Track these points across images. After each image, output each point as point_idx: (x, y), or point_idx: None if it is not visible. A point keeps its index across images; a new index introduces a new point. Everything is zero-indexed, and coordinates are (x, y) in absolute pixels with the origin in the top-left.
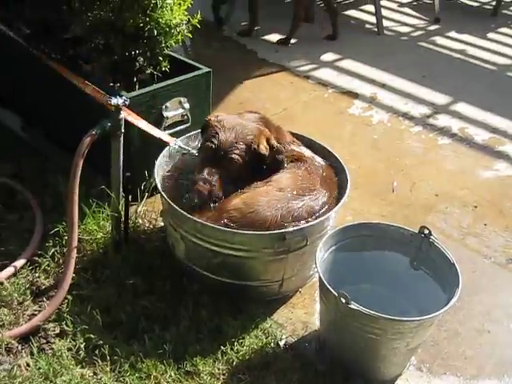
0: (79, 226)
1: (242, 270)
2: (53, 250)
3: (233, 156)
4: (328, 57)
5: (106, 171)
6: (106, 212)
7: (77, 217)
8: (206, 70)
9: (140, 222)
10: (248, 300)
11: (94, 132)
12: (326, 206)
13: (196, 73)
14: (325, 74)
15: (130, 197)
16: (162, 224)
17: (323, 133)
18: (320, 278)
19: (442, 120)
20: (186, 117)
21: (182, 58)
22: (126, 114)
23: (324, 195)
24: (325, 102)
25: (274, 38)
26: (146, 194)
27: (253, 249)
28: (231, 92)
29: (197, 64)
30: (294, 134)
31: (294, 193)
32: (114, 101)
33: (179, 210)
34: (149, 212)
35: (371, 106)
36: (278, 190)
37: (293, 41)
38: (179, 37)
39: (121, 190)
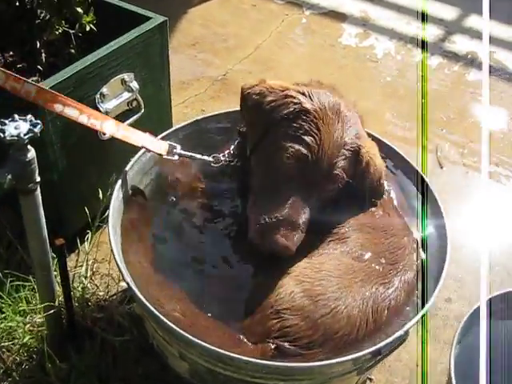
0: None
1: None
2: None
3: (338, 172)
4: None
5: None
6: (32, 286)
7: None
8: (159, 19)
9: (89, 287)
10: None
11: None
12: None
13: (144, 27)
14: None
15: (65, 255)
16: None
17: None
18: None
19: (461, 43)
20: (135, 103)
21: (114, 1)
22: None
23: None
24: (306, 31)
25: None
26: (89, 235)
27: (318, 378)
28: (175, 29)
29: (141, 11)
30: None
31: (382, 261)
32: (11, 132)
33: (182, 333)
34: (99, 262)
35: (367, 32)
36: (356, 258)
37: None
38: None
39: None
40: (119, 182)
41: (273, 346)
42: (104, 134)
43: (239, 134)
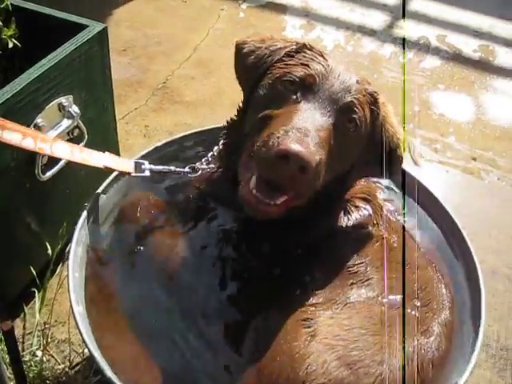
0: None
1: None
2: None
3: (355, 109)
4: None
5: None
6: None
7: None
8: (97, 26)
9: (44, 361)
10: None
11: None
12: None
13: (81, 38)
14: None
15: (15, 340)
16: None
17: None
18: None
19: (409, 28)
20: (77, 131)
21: (39, 8)
22: None
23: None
24: (246, 26)
25: None
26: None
27: None
28: None
29: (75, 18)
30: None
31: (416, 303)
32: None
33: None
34: (53, 326)
35: (311, 22)
36: (387, 305)
37: None
38: None
39: None
40: (76, 231)
41: None
42: (43, 174)
43: (226, 128)
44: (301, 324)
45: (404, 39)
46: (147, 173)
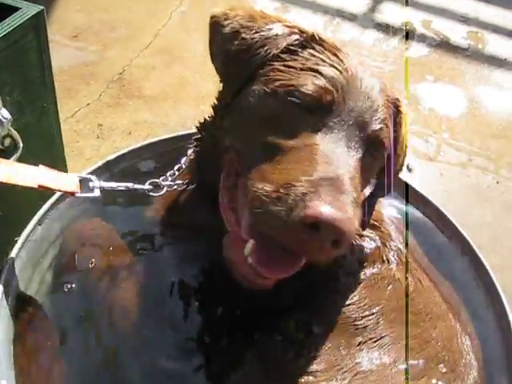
0: None
1: None
2: None
3: (381, 130)
4: None
5: None
6: None
7: None
8: (32, 8)
9: None
10: None
11: None
12: None
13: (10, 23)
14: None
15: None
16: None
17: None
18: None
19: (392, 13)
20: (8, 140)
21: None
22: None
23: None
24: (214, 9)
25: None
26: None
27: None
28: (49, 18)
29: None
30: None
31: (442, 369)
32: None
33: None
34: None
35: (286, 5)
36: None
37: None
38: None
39: None
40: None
41: None
42: None
43: (199, 132)
44: None
45: (407, 29)
46: (96, 192)
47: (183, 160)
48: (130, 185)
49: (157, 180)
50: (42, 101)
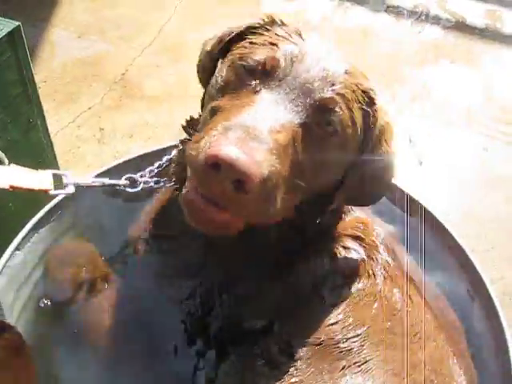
0: None
1: None
2: None
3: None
4: None
5: None
6: None
7: None
8: (6, 26)
9: None
10: None
11: None
12: None
13: None
14: None
15: None
16: None
17: None
18: None
19: None
20: None
21: None
22: None
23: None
24: (219, 3)
25: None
26: None
27: None
28: (56, 18)
29: None
30: None
31: None
32: None
33: None
34: None
35: None
36: None
37: None
38: None
39: None
40: None
41: None
42: None
43: (184, 130)
44: None
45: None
46: (71, 189)
47: (165, 158)
48: (105, 180)
49: (134, 175)
50: (27, 116)
